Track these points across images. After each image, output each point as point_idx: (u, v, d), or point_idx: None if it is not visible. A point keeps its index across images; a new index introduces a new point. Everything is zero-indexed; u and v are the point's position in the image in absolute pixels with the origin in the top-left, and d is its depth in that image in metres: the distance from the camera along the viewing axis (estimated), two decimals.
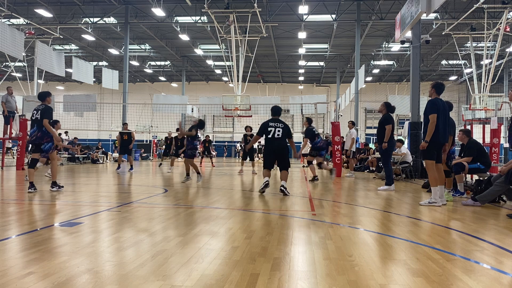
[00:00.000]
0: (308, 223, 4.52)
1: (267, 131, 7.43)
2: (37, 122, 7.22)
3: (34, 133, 7.25)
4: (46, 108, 7.29)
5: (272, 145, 7.44)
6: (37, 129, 7.21)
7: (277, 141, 7.38)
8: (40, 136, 7.21)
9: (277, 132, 7.35)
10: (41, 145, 7.26)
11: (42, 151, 7.30)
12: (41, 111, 7.21)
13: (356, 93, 24.66)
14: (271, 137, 7.39)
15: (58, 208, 5.43)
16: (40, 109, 7.24)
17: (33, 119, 7.29)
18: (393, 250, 3.36)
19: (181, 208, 5.55)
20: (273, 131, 7.36)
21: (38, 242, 3.44)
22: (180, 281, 2.50)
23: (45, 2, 23.92)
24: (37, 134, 7.21)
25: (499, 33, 20.26)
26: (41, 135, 7.20)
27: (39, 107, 7.30)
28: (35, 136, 7.23)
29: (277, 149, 7.43)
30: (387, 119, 8.52)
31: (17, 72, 30.44)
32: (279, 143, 7.40)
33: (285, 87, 43.42)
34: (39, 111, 7.23)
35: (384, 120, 8.55)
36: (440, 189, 6.21)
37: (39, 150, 7.32)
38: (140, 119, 28.83)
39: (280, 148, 7.45)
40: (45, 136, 7.22)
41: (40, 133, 7.20)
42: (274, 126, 7.41)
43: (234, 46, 21.89)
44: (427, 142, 6.17)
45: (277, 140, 7.37)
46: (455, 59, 32.99)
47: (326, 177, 12.32)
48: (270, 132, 7.38)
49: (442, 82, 6.64)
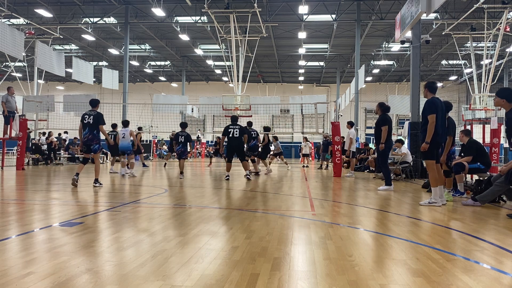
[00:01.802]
0: (308, 223, 4.52)
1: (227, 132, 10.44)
2: (90, 125, 8.24)
3: (85, 135, 8.26)
4: (99, 114, 8.33)
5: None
6: (89, 132, 8.23)
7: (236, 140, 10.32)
8: (90, 138, 8.24)
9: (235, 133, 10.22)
10: (91, 146, 8.29)
11: (92, 151, 8.34)
12: (94, 117, 8.23)
13: (356, 93, 24.66)
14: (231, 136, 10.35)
15: (58, 208, 5.43)
16: (93, 115, 8.27)
17: (84, 123, 8.29)
18: (393, 250, 3.36)
19: (181, 208, 5.55)
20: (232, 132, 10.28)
21: (38, 242, 3.44)
22: (180, 281, 2.50)
23: (45, 2, 23.92)
24: (88, 136, 8.24)
25: (499, 33, 20.26)
26: (92, 137, 8.24)
27: (91, 113, 8.33)
28: (86, 138, 8.26)
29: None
30: (384, 119, 8.51)
31: (17, 72, 30.45)
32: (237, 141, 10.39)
33: (285, 87, 43.43)
34: (91, 116, 8.25)
35: (380, 121, 8.55)
36: (440, 189, 6.21)
37: (90, 151, 8.36)
38: (140, 119, 28.80)
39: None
40: (94, 139, 8.27)
41: (91, 136, 8.24)
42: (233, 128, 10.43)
43: (234, 46, 21.89)
44: (427, 144, 6.14)
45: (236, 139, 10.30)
46: (455, 59, 32.99)
47: (327, 177, 12.33)
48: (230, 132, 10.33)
49: (434, 80, 6.62)
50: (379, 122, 8.54)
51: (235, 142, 10.40)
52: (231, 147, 10.51)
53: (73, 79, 27.51)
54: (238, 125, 10.57)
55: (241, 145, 10.43)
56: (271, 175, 12.86)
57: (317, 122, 15.27)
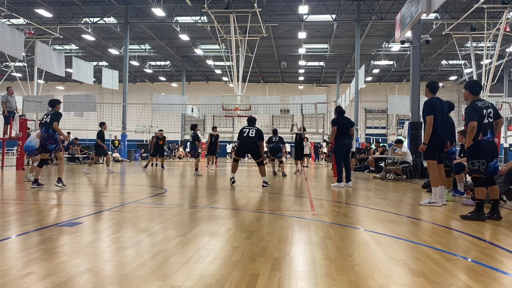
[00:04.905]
0: (308, 223, 4.52)
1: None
2: (46, 125, 7.90)
3: (42, 134, 7.94)
4: (56, 113, 8.02)
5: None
6: (45, 131, 7.88)
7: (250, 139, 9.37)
8: (45, 138, 7.87)
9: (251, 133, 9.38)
10: (46, 146, 7.90)
11: (48, 151, 7.99)
12: (51, 116, 7.92)
13: (356, 93, 24.66)
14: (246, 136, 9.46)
15: (58, 208, 5.43)
16: (51, 114, 7.98)
17: (42, 123, 8.02)
18: (393, 250, 3.36)
19: (181, 208, 5.55)
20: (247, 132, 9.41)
21: (38, 242, 3.44)
22: (180, 281, 2.50)
23: (45, 2, 23.92)
24: (44, 135, 7.88)
25: (499, 33, 20.26)
26: (46, 136, 7.86)
27: (49, 112, 8.08)
28: (42, 137, 7.91)
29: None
30: (333, 121, 9.39)
31: (17, 72, 30.46)
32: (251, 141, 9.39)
33: (285, 87, 43.42)
34: (49, 116, 7.95)
35: (331, 122, 9.61)
36: (440, 189, 6.22)
37: (46, 151, 8.00)
38: (140, 119, 28.85)
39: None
40: (49, 138, 7.87)
41: (46, 135, 7.86)
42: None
43: (234, 46, 21.89)
44: (425, 144, 6.20)
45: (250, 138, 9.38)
46: (455, 59, 33.00)
47: (327, 177, 12.33)
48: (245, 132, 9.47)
49: (435, 80, 6.65)
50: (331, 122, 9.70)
51: (249, 141, 9.27)
52: (243, 146, 9.41)
53: (73, 79, 27.50)
54: (255, 127, 9.57)
55: (256, 145, 9.34)
56: (271, 176, 12.86)
57: (317, 122, 15.27)
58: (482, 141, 5.05)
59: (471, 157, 5.11)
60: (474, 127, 5.01)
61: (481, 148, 5.05)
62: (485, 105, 5.18)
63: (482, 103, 5.21)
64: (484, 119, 5.07)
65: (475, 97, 5.33)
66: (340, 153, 9.23)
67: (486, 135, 5.07)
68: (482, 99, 5.36)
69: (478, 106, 5.13)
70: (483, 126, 5.06)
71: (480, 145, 5.05)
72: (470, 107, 5.19)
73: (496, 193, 5.23)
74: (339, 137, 9.10)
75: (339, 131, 9.07)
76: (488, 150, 5.06)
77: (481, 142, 5.05)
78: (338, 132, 9.08)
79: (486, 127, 5.08)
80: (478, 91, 5.46)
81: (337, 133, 9.09)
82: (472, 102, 5.28)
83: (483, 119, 5.07)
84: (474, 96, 5.35)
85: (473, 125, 5.01)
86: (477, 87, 5.51)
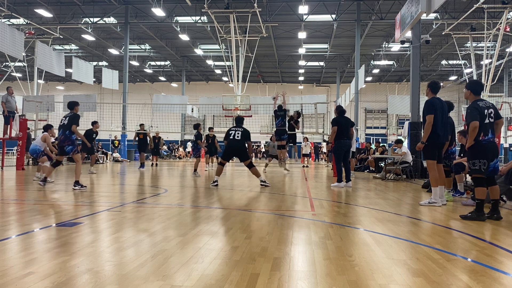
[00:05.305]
0: (308, 223, 4.52)
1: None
2: (64, 127, 7.82)
3: (59, 136, 7.91)
4: (75, 115, 7.92)
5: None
6: (62, 133, 7.83)
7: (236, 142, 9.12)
8: (62, 139, 7.82)
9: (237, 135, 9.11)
10: (64, 148, 7.86)
11: (65, 153, 7.95)
12: (70, 118, 7.82)
13: (356, 93, 24.66)
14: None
15: (58, 208, 5.43)
16: (69, 116, 7.87)
17: (60, 125, 7.92)
18: (393, 250, 3.36)
19: (181, 208, 5.55)
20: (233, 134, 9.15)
21: (38, 242, 3.44)
22: (180, 281, 2.50)
23: (45, 2, 23.92)
24: (61, 137, 7.84)
25: (499, 33, 20.27)
26: (63, 138, 7.80)
27: (68, 114, 7.95)
28: (59, 139, 7.89)
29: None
30: (333, 120, 9.37)
31: (17, 72, 30.46)
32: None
33: (285, 87, 43.37)
34: (67, 118, 7.85)
35: (332, 121, 9.60)
36: (440, 189, 6.22)
37: (63, 153, 7.97)
38: (140, 119, 28.76)
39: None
40: (66, 139, 7.81)
41: (63, 137, 7.80)
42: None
43: (234, 46, 21.89)
44: (423, 143, 6.21)
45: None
46: (455, 59, 32.99)
47: (327, 177, 12.33)
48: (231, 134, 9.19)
49: (437, 80, 6.65)
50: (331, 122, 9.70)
51: (235, 144, 9.06)
52: (229, 148, 9.20)
53: (73, 79, 27.52)
54: (241, 128, 9.32)
55: (243, 148, 9.14)
56: (270, 175, 12.86)
57: (317, 122, 15.26)
58: (483, 141, 5.05)
59: (472, 157, 5.11)
60: (476, 127, 5.01)
61: (482, 148, 5.04)
62: (486, 105, 5.18)
63: (484, 103, 5.21)
64: (485, 119, 5.07)
65: (476, 97, 5.33)
66: (339, 153, 9.24)
67: (487, 135, 5.07)
68: (483, 99, 5.36)
69: (479, 106, 5.13)
70: (484, 126, 5.06)
71: (481, 145, 5.05)
72: (471, 107, 5.19)
73: (497, 193, 5.23)
74: (339, 137, 9.11)
75: (339, 131, 9.08)
76: (489, 150, 5.05)
77: (482, 142, 5.05)
78: (338, 132, 9.09)
79: (487, 127, 5.08)
80: (480, 91, 5.46)
81: (337, 133, 9.10)
82: (473, 102, 5.28)
83: (485, 119, 5.07)
84: (475, 96, 5.35)
85: (475, 125, 5.01)
86: (479, 87, 5.51)
